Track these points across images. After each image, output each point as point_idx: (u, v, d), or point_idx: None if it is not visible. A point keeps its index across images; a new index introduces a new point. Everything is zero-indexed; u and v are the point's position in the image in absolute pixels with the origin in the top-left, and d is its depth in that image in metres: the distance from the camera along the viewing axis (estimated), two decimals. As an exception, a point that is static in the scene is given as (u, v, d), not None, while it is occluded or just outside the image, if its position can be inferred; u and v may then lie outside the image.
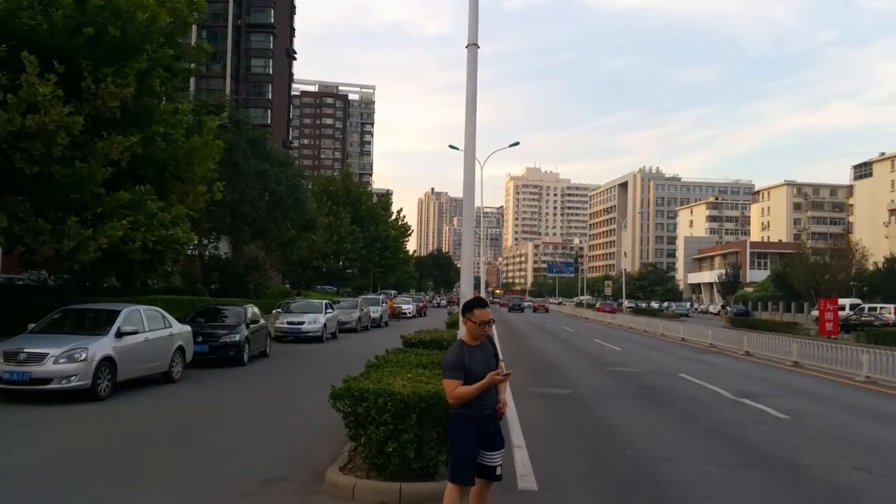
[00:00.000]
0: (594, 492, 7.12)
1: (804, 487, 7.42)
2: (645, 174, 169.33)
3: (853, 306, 50.37)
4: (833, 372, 19.16)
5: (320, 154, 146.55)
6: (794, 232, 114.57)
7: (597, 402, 13.09)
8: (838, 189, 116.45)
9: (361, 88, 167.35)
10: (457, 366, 4.83)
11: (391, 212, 75.19)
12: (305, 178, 48.94)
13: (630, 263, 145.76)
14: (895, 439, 10.33)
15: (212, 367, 16.10)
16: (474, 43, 12.36)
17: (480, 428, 4.92)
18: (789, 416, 11.78)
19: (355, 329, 31.25)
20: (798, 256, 70.85)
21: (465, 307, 5.21)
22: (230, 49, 69.59)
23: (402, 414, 6.29)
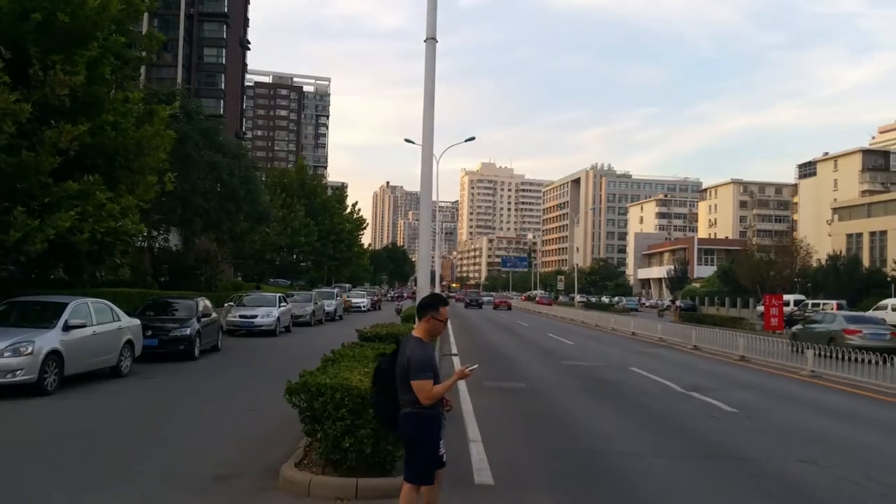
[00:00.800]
0: (550, 485, 7.18)
1: (753, 479, 7.60)
2: (597, 171, 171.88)
3: (797, 302, 51.86)
4: (779, 366, 19.71)
5: (274, 146, 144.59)
6: (740, 229, 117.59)
7: (551, 396, 13.23)
8: (783, 188, 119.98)
9: (317, 80, 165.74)
10: (430, 366, 4.76)
11: (346, 205, 74.65)
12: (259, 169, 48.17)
13: (582, 258, 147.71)
14: (839, 432, 10.65)
15: (162, 362, 15.77)
16: (432, 37, 12.35)
17: (440, 426, 4.92)
18: (737, 410, 12.07)
19: (309, 323, 30.98)
20: (744, 253, 72.69)
21: (430, 305, 5.03)
22: (182, 38, 68.05)
23: (359, 409, 6.24)
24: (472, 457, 7.87)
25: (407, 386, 4.75)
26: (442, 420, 4.96)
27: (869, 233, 70.22)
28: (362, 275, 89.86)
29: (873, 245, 69.29)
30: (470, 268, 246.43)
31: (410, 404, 4.78)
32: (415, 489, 4.89)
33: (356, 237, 75.03)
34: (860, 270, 63.16)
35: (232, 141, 40.16)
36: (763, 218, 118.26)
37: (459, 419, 9.64)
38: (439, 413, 4.91)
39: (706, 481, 7.52)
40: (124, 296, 20.62)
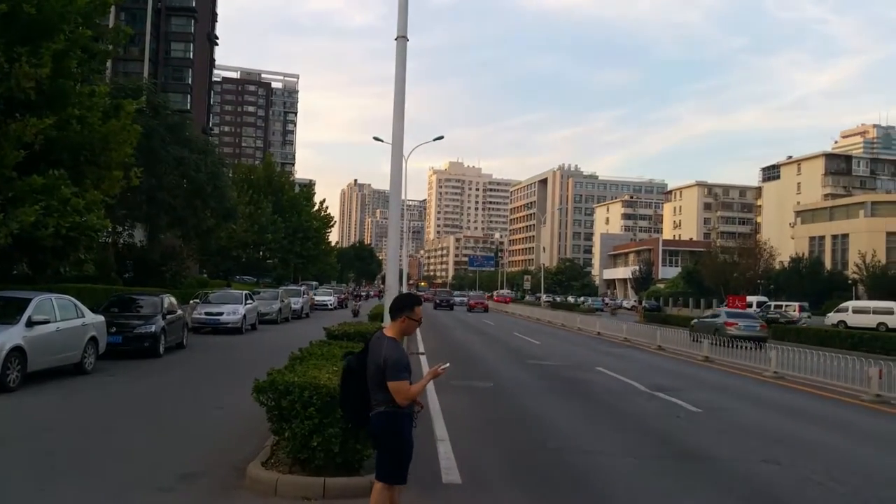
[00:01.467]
0: (518, 484, 7.22)
1: (718, 479, 7.74)
2: (564, 171, 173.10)
3: (760, 304, 52.88)
4: (742, 367, 20.06)
5: (241, 142, 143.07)
6: (704, 231, 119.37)
7: (519, 395, 13.31)
8: (747, 190, 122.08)
9: (285, 77, 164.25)
10: (406, 366, 4.75)
11: (314, 202, 74.14)
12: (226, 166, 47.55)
13: (549, 258, 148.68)
14: (801, 433, 10.87)
15: (126, 359, 15.52)
16: (403, 35, 12.35)
17: (412, 424, 4.93)
18: (702, 410, 12.27)
19: (276, 320, 30.76)
20: (708, 254, 73.88)
21: (405, 304, 4.99)
22: (149, 32, 67.00)
23: (328, 407, 6.20)
24: (440, 456, 7.90)
25: (381, 386, 4.73)
26: (414, 419, 4.98)
27: (831, 236, 71.80)
28: (329, 273, 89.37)
29: (835, 248, 70.89)
30: (437, 266, 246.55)
31: (384, 403, 4.75)
32: (387, 488, 4.87)
33: (323, 235, 74.51)
34: (822, 273, 64.60)
35: (199, 136, 39.69)
36: (727, 220, 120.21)
37: (427, 418, 9.66)
38: (412, 411, 4.92)
39: (672, 481, 7.63)
40: (88, 292, 20.28)
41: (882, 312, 46.06)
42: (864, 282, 59.04)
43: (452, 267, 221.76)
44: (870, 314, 46.20)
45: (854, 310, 47.97)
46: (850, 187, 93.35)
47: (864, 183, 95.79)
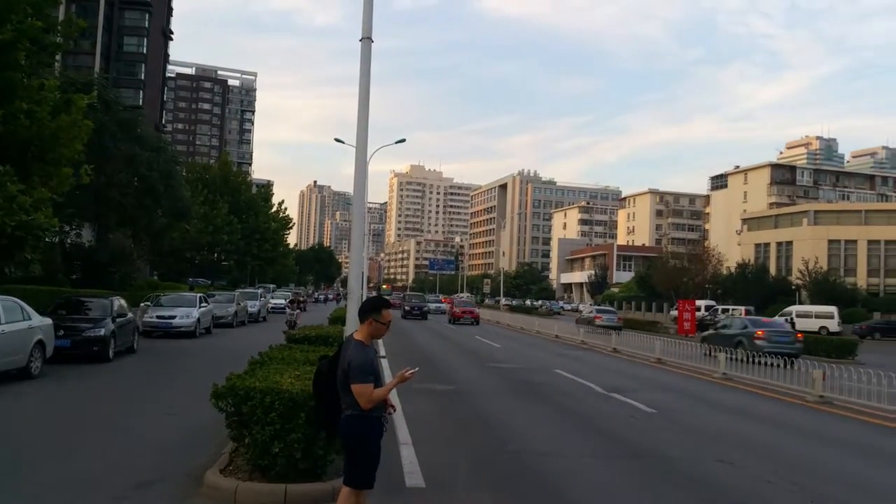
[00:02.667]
0: (480, 486, 7.24)
1: (673, 478, 7.87)
2: (524, 177, 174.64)
3: (708, 307, 54.08)
4: (693, 369, 20.48)
5: (196, 140, 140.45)
6: (656, 237, 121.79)
7: (480, 398, 13.34)
8: (696, 198, 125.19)
9: (242, 74, 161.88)
10: (370, 369, 4.71)
11: (272, 203, 73.16)
12: (180, 164, 46.68)
13: (508, 262, 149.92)
14: (751, 433, 11.13)
15: (74, 363, 15.08)
16: (368, 37, 12.21)
17: (382, 429, 4.89)
18: (656, 411, 12.48)
19: (231, 324, 30.23)
20: (659, 260, 75.24)
21: (372, 307, 4.95)
22: (101, 25, 65.25)
23: (290, 413, 6.12)
24: (403, 460, 7.87)
25: (347, 389, 4.70)
26: (384, 423, 4.93)
27: (776, 243, 73.72)
28: (288, 275, 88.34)
29: (780, 254, 72.80)
30: (397, 270, 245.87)
31: (352, 407, 4.73)
32: (354, 493, 4.83)
33: (282, 237, 73.54)
34: (767, 278, 66.31)
35: (151, 133, 38.88)
36: (678, 227, 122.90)
37: (389, 422, 9.58)
38: (381, 416, 4.88)
39: (629, 481, 7.74)
40: (34, 293, 19.64)
41: (823, 316, 47.60)
42: (807, 287, 60.83)
43: (413, 270, 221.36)
44: (812, 318, 47.72)
45: (797, 314, 49.49)
46: (794, 196, 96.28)
47: (808, 192, 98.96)
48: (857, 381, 14.45)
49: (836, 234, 68.10)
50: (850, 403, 14.18)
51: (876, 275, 66.07)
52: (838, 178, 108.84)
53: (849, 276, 65.05)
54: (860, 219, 68.49)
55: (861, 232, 66.62)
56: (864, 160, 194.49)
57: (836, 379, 15.38)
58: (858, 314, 55.10)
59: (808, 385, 15.35)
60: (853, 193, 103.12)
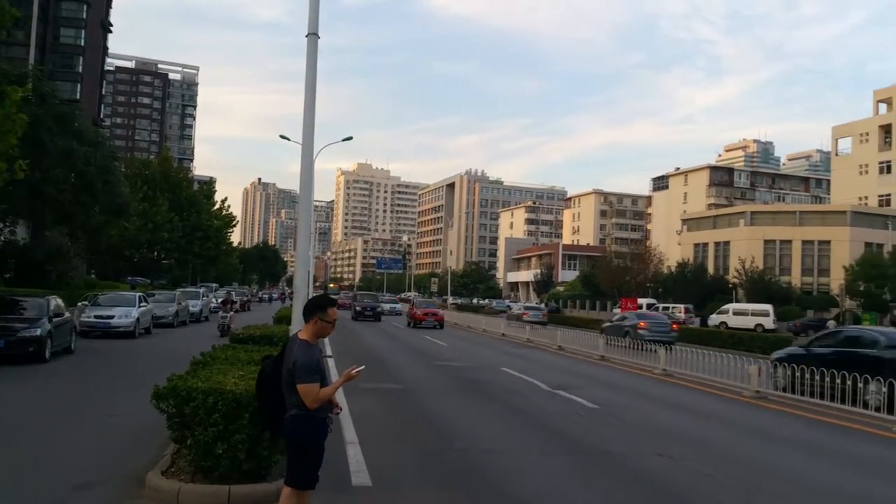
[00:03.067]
0: (426, 484, 7.28)
1: (615, 472, 8.05)
2: (471, 176, 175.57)
3: (649, 306, 55.17)
4: (635, 365, 20.95)
5: (135, 135, 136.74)
6: (600, 236, 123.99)
7: (427, 397, 13.38)
8: (639, 199, 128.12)
9: (184, 69, 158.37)
10: (316, 369, 4.68)
11: (214, 201, 71.70)
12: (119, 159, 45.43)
13: (455, 261, 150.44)
14: (690, 427, 11.47)
15: (9, 365, 14.54)
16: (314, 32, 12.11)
17: (327, 429, 4.87)
18: (599, 407, 12.73)
19: (172, 324, 29.54)
20: (603, 259, 76.58)
21: (317, 305, 4.91)
22: (36, 15, 62.97)
23: (234, 414, 6.03)
24: (350, 459, 7.84)
25: (293, 389, 4.66)
26: (329, 423, 4.91)
27: (714, 243, 75.72)
28: (231, 274, 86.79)
29: (718, 254, 74.80)
30: (344, 268, 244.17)
31: (296, 407, 4.68)
32: (296, 493, 4.80)
33: (225, 234, 72.13)
34: (705, 277, 68.10)
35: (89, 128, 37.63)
36: (621, 227, 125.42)
37: (336, 422, 9.52)
38: (327, 416, 4.85)
39: (573, 476, 7.87)
40: (-37, 293, 18.88)
41: (759, 314, 49.19)
42: (744, 286, 62.68)
43: (360, 269, 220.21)
44: (748, 316, 49.26)
45: (734, 312, 51.03)
46: (731, 198, 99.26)
47: (745, 194, 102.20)
48: (790, 378, 15.01)
49: (771, 234, 70.35)
50: (785, 398, 14.71)
51: (810, 274, 68.48)
52: (774, 181, 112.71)
53: (784, 275, 67.21)
54: (795, 220, 70.89)
55: (795, 232, 68.97)
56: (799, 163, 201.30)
57: (771, 375, 15.95)
58: (793, 312, 56.99)
59: (745, 381, 15.86)
60: (788, 195, 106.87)
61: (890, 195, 74.44)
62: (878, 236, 65.16)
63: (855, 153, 79.85)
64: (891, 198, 74.18)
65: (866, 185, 76.82)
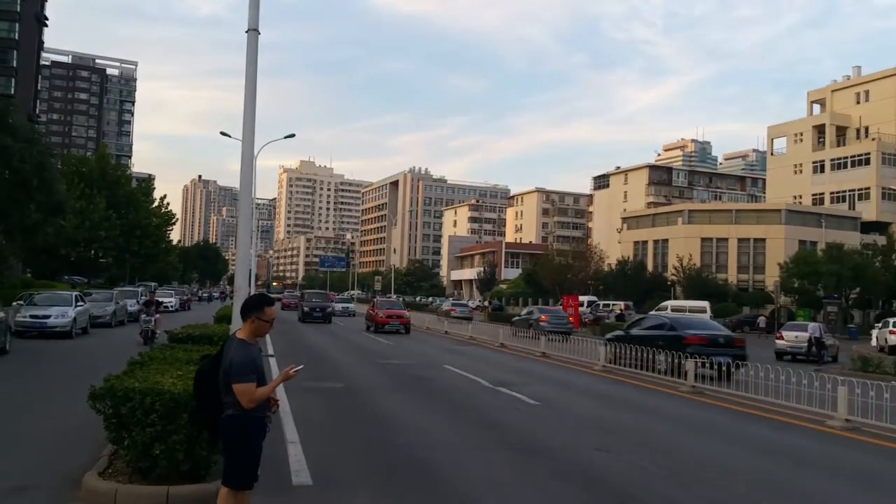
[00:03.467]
0: (368, 481, 7.34)
1: (555, 467, 8.24)
2: (415, 174, 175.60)
3: (591, 303, 56.37)
4: (576, 361, 21.38)
5: (72, 131, 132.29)
6: (542, 234, 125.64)
7: (369, 395, 13.42)
8: (580, 197, 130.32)
9: (122, 64, 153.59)
10: (253, 368, 4.69)
11: (153, 198, 70.06)
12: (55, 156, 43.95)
13: (399, 259, 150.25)
14: (629, 422, 11.77)
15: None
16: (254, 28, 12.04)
17: (265, 428, 4.91)
18: (540, 403, 13.00)
19: (110, 324, 28.83)
20: (545, 257, 77.58)
21: (255, 305, 4.92)
22: (-35, 8, 60.47)
23: (172, 414, 6.00)
24: (290, 458, 7.85)
25: (229, 388, 4.67)
26: (267, 423, 4.95)
27: (653, 241, 77.42)
28: (171, 273, 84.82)
29: (656, 252, 76.53)
30: (287, 267, 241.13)
31: (233, 406, 4.69)
32: (233, 494, 4.81)
33: (164, 233, 70.57)
34: (645, 275, 69.66)
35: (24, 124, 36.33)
36: (563, 225, 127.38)
37: (277, 421, 9.53)
38: (264, 415, 4.88)
39: (513, 470, 8.04)
40: None
41: (697, 311, 50.56)
42: (681, 283, 64.38)
43: (303, 267, 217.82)
44: (686, 312, 50.60)
45: (672, 308, 52.34)
46: (670, 196, 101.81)
47: (683, 193, 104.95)
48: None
49: (708, 232, 72.23)
50: (719, 393, 15.22)
51: (745, 271, 70.57)
52: (711, 180, 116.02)
53: (720, 272, 69.07)
54: (731, 218, 72.93)
55: (731, 230, 71.00)
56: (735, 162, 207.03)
57: (706, 371, 16.49)
58: (729, 309, 58.80)
59: (682, 376, 16.37)
60: (725, 194, 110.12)
61: (823, 194, 77.18)
62: (812, 234, 67.39)
63: (790, 153, 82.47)
64: (824, 196, 76.91)
65: (800, 184, 79.44)
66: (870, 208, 72.67)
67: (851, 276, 52.05)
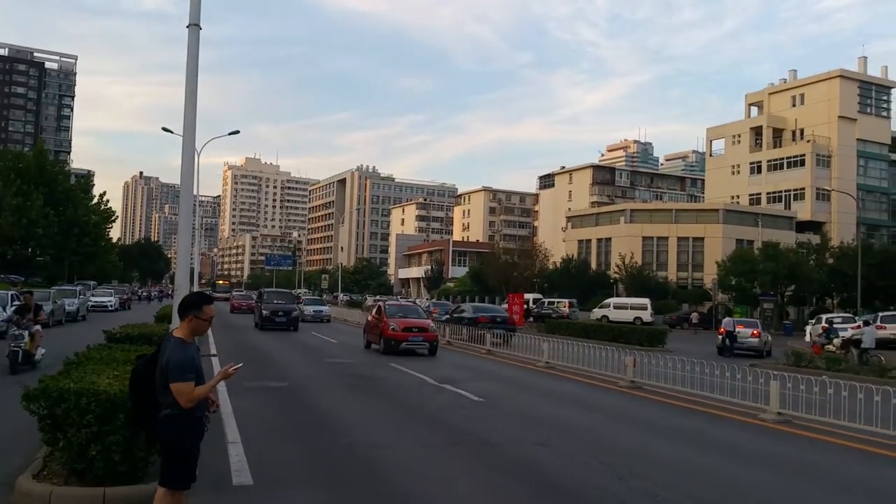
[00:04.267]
0: (310, 481, 7.33)
1: (497, 462, 8.38)
2: (362, 172, 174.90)
3: (536, 300, 57.00)
4: (520, 359, 21.66)
5: (8, 126, 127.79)
6: (489, 233, 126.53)
7: (314, 394, 13.35)
8: (526, 196, 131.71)
9: (61, 58, 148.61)
10: (191, 367, 4.66)
11: (93, 195, 68.07)
12: (-13, 152, 42.45)
13: (346, 258, 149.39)
14: (570, 417, 12.01)
15: None
16: (196, 23, 11.91)
17: (203, 428, 4.88)
18: (484, 399, 13.14)
19: (47, 323, 27.83)
20: (492, 255, 78.22)
21: (193, 303, 4.90)
22: None
23: (108, 415, 5.90)
24: (231, 458, 7.78)
25: (166, 388, 4.63)
26: (206, 422, 4.92)
27: (597, 239, 78.76)
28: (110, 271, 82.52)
29: (600, 250, 77.87)
30: (232, 265, 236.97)
31: (170, 406, 4.66)
32: (170, 494, 4.77)
33: (104, 230, 68.63)
34: (588, 272, 70.88)
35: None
36: (509, 223, 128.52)
37: (218, 422, 9.43)
38: (203, 415, 4.85)
39: (457, 467, 8.14)
40: None
41: (638, 308, 51.83)
42: (624, 280, 65.74)
43: (248, 266, 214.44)
44: (628, 309, 51.82)
45: (615, 306, 53.54)
46: (613, 196, 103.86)
47: (625, 192, 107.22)
48: (664, 367, 15.96)
49: (649, 231, 73.84)
50: (658, 388, 15.59)
51: (684, 269, 72.38)
52: (652, 180, 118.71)
53: (661, 270, 70.71)
54: (671, 217, 74.69)
55: (671, 230, 72.72)
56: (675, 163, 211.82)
57: (645, 365, 16.91)
58: (669, 305, 60.33)
59: (622, 371, 16.76)
60: (665, 194, 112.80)
61: (760, 194, 79.61)
62: (749, 233, 69.41)
63: (728, 154, 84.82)
64: (761, 196, 79.35)
65: (738, 185, 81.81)
66: (804, 208, 75.30)
67: (787, 273, 53.88)
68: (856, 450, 10.06)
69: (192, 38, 11.80)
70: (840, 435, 10.95)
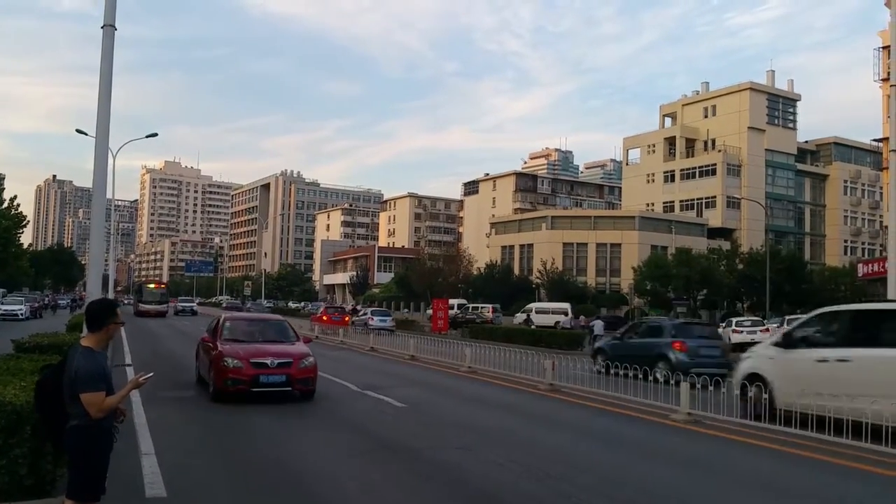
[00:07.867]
0: (227, 492, 7.23)
1: (419, 467, 8.46)
2: (287, 177, 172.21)
3: (460, 306, 57.53)
4: (443, 364, 21.81)
5: None
6: (415, 239, 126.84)
7: (232, 404, 13.00)
8: (451, 203, 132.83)
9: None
10: (101, 377, 4.56)
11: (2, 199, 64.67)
12: None
13: (270, 264, 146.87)
14: (489, 421, 12.19)
15: None
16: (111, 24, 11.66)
17: (112, 439, 4.79)
18: (406, 405, 13.21)
19: (-55, 334, 26.38)
20: (417, 261, 78.58)
21: (110, 311, 4.80)
22: None
23: (14, 427, 5.70)
24: (145, 470, 7.59)
25: (75, 398, 4.52)
26: (115, 433, 4.83)
27: (519, 245, 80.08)
28: (21, 278, 78.55)
29: (522, 256, 79.20)
30: (150, 272, 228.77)
31: (78, 417, 4.54)
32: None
33: (14, 235, 65.20)
34: (511, 278, 72.03)
35: None
36: (434, 229, 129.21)
37: (131, 433, 9.18)
38: (111, 425, 4.76)
39: (378, 473, 8.16)
40: None
41: (559, 312, 52.94)
42: (545, 286, 67.10)
43: (167, 272, 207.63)
44: (549, 314, 52.87)
45: (537, 310, 54.53)
46: (535, 203, 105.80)
47: (547, 199, 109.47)
48: (581, 370, 16.41)
49: (569, 237, 75.63)
50: (575, 390, 15.96)
51: (603, 274, 74.43)
52: (573, 187, 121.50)
53: (580, 275, 72.47)
54: (590, 224, 76.73)
55: (590, 236, 74.70)
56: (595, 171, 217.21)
57: (564, 368, 17.33)
58: (588, 310, 61.76)
59: (541, 375, 17.11)
60: (585, 201, 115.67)
61: (673, 202, 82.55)
62: (663, 239, 71.90)
63: (643, 163, 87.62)
64: (674, 204, 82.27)
65: (653, 193, 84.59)
66: (716, 215, 78.54)
67: (699, 278, 56.11)
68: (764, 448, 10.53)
69: (106, 38, 11.54)
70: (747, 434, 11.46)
